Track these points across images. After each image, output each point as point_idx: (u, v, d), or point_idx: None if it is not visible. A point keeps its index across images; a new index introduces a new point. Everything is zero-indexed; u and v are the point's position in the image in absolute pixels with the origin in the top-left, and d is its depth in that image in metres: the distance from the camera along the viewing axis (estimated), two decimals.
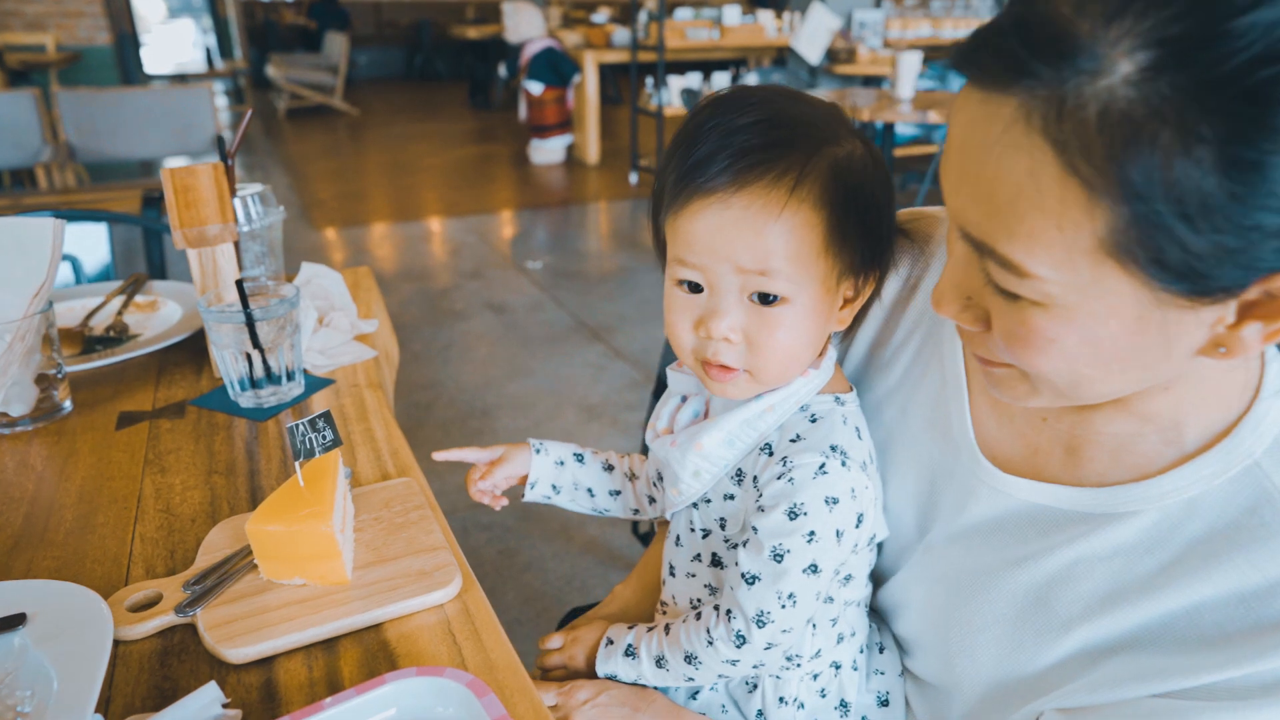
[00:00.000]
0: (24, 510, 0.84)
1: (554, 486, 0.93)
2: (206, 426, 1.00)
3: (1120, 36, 0.43)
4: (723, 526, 0.78)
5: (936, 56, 5.86)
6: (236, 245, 1.11)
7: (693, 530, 0.81)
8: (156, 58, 10.96)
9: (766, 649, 0.73)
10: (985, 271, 0.54)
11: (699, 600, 0.82)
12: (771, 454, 0.72)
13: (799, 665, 0.79)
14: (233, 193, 1.15)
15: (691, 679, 0.78)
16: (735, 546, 0.76)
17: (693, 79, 6.13)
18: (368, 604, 0.68)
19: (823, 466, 0.70)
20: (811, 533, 0.69)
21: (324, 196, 5.94)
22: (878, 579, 0.83)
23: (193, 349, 1.20)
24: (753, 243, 0.66)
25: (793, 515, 0.70)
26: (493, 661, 0.64)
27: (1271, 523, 0.56)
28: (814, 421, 0.73)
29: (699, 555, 0.81)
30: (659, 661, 0.79)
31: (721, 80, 6.16)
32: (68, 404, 1.04)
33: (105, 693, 0.62)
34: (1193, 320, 0.49)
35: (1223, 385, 0.59)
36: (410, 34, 12.77)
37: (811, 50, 5.75)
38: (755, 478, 0.73)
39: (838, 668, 0.80)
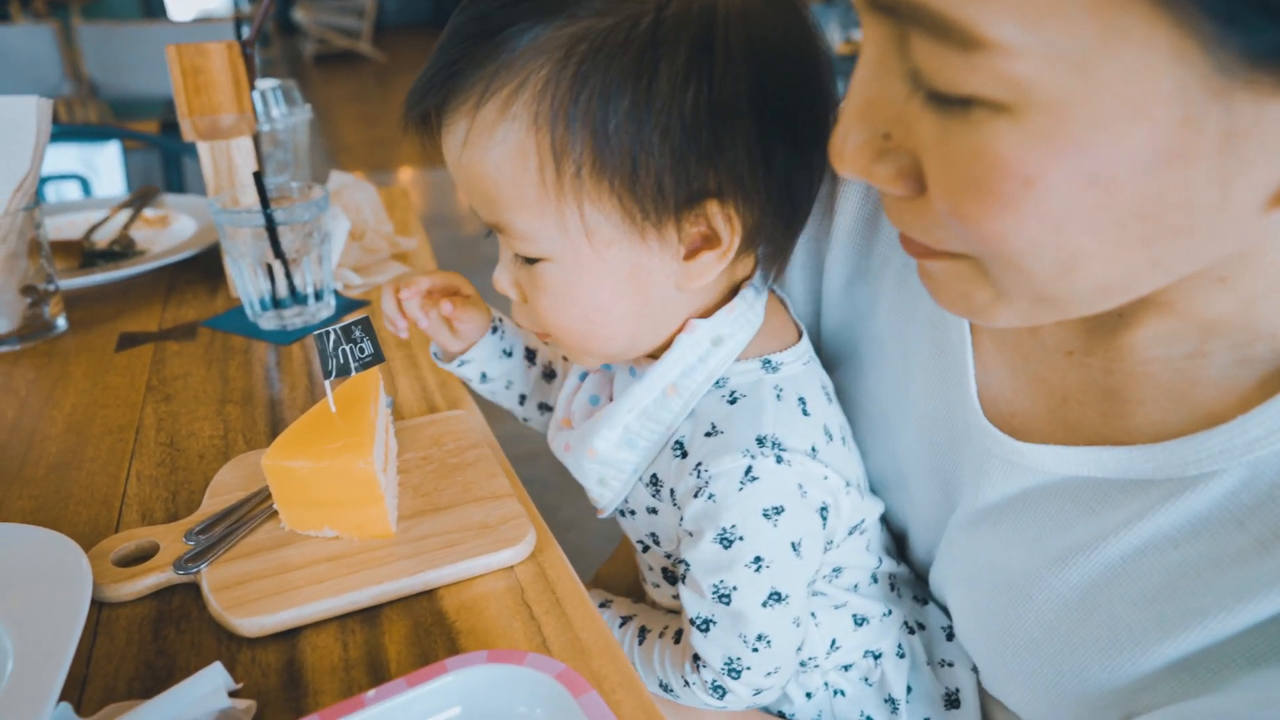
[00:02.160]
0: (0, 440, 0.70)
1: (484, 375, 0.71)
2: (221, 350, 0.85)
3: None
4: (657, 542, 0.61)
5: None
6: (256, 142, 0.94)
7: (634, 540, 0.64)
8: (180, 3, 10.77)
9: (755, 694, 0.56)
10: (912, 70, 0.34)
11: (677, 611, 0.66)
12: (685, 454, 0.54)
13: (817, 666, 0.62)
14: (251, 85, 0.99)
15: (669, 698, 0.62)
16: (684, 562, 0.59)
17: None
18: (418, 564, 0.53)
19: (749, 471, 0.51)
20: (757, 559, 0.52)
21: (352, 141, 5.78)
22: (923, 561, 0.64)
23: (207, 267, 1.05)
24: (463, 185, 0.50)
25: (725, 542, 0.52)
26: (583, 644, 0.49)
27: None
28: (734, 403, 0.53)
29: (651, 567, 0.65)
30: None
31: None
32: (61, 321, 0.89)
33: (81, 671, 0.48)
34: (1272, 124, 0.29)
35: None
36: None
37: None
38: (673, 490, 0.55)
39: (877, 657, 0.62)
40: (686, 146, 0.45)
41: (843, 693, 0.62)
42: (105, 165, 1.70)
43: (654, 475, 0.57)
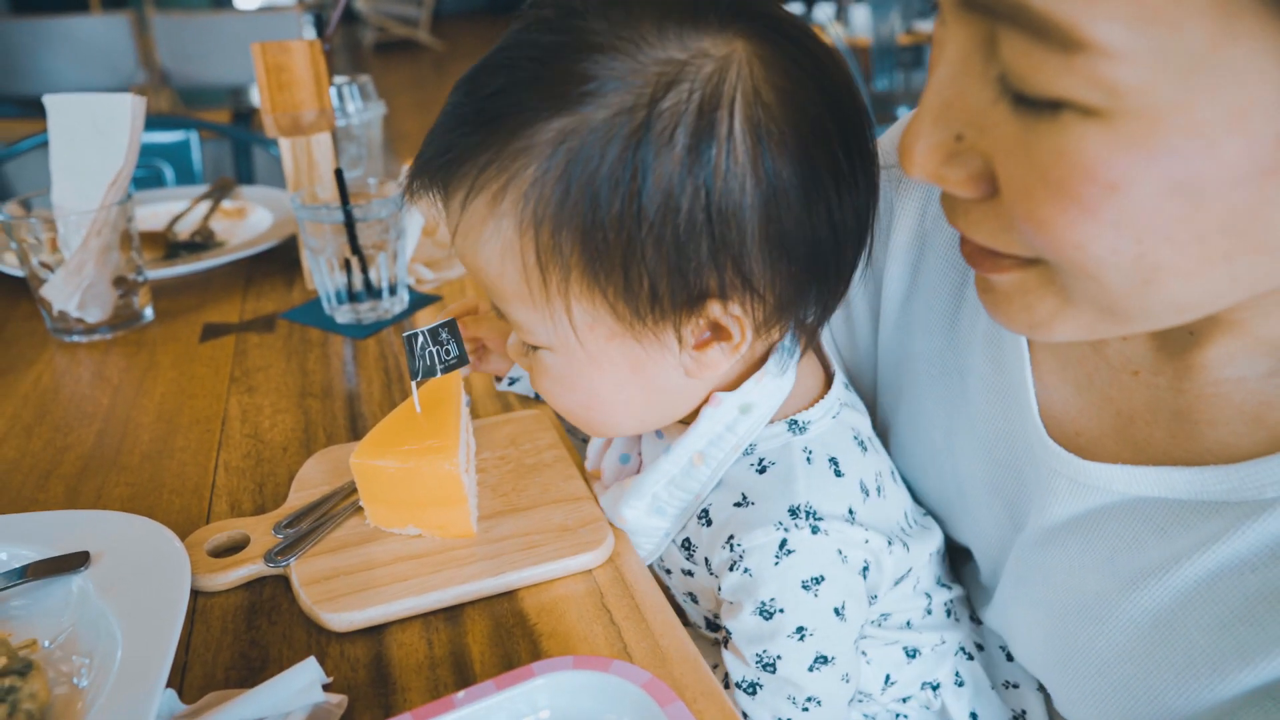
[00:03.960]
0: (97, 428, 0.73)
1: (537, 394, 0.68)
2: (299, 343, 0.88)
3: None
4: (695, 601, 0.60)
5: None
6: (334, 139, 0.96)
7: (675, 593, 0.63)
8: None
9: None
10: (999, 72, 0.33)
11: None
12: (710, 524, 0.53)
13: (874, 700, 0.61)
14: (329, 80, 1.01)
15: None
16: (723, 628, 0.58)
17: (793, 9, 5.76)
18: (499, 565, 0.54)
19: (784, 545, 0.49)
20: (800, 629, 0.50)
21: (409, 129, 5.85)
22: (983, 591, 0.62)
23: (283, 259, 1.07)
24: (465, 268, 0.48)
25: (766, 614, 0.50)
26: (664, 651, 0.49)
27: None
28: (763, 472, 0.51)
29: (692, 614, 0.63)
30: None
31: (825, 11, 5.77)
32: (148, 312, 0.92)
33: (181, 658, 0.49)
34: None
35: None
36: None
37: None
38: (708, 560, 0.54)
39: (935, 688, 0.61)
40: (683, 254, 0.41)
41: (906, 717, 0.62)
42: (181, 157, 1.76)
43: (686, 539, 0.55)
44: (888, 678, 0.60)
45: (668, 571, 0.60)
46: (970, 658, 0.62)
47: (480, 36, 10.18)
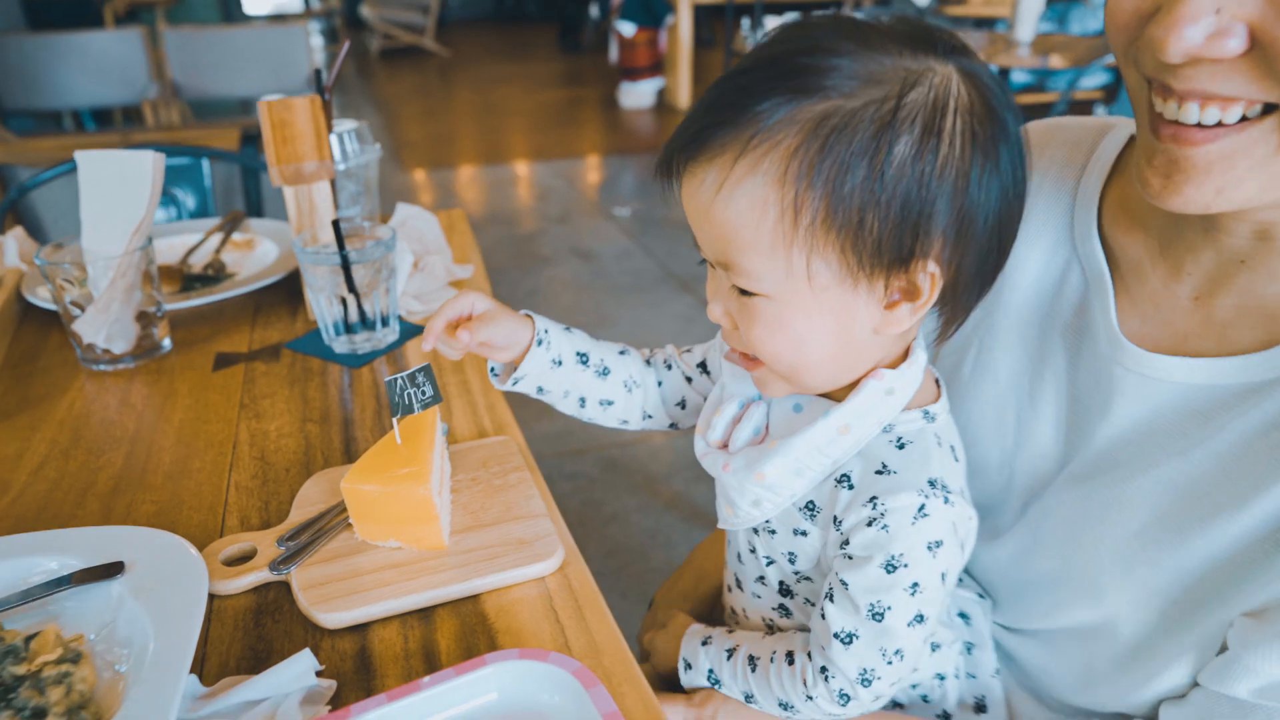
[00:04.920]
0: (125, 450, 0.83)
1: (540, 389, 0.75)
2: (301, 371, 0.98)
3: None
4: (792, 561, 0.68)
5: None
6: (332, 183, 1.07)
7: (753, 552, 0.71)
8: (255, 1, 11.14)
9: (875, 700, 0.64)
10: None
11: (772, 621, 0.73)
12: (852, 487, 0.61)
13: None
14: (329, 129, 1.11)
15: (787, 715, 0.70)
16: (807, 579, 0.67)
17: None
18: (466, 573, 0.64)
19: (923, 509, 0.58)
20: (915, 584, 0.60)
21: (414, 137, 5.96)
22: (988, 534, 0.73)
23: (288, 289, 1.18)
24: (701, 228, 0.57)
25: (891, 568, 0.59)
26: (598, 645, 0.59)
27: None
28: (902, 448, 0.61)
29: (763, 578, 0.72)
30: (748, 698, 0.71)
31: None
32: (167, 342, 1.03)
33: (200, 650, 0.60)
34: None
35: None
36: None
37: None
38: (837, 519, 0.61)
39: (942, 679, 0.72)
40: (907, 213, 0.53)
41: (900, 705, 0.72)
42: (192, 180, 1.87)
43: (811, 502, 0.64)
44: (914, 666, 0.69)
45: (772, 532, 0.67)
46: (963, 653, 0.73)
47: (485, 44, 10.29)
